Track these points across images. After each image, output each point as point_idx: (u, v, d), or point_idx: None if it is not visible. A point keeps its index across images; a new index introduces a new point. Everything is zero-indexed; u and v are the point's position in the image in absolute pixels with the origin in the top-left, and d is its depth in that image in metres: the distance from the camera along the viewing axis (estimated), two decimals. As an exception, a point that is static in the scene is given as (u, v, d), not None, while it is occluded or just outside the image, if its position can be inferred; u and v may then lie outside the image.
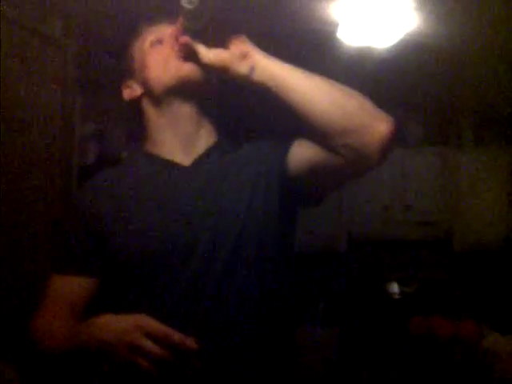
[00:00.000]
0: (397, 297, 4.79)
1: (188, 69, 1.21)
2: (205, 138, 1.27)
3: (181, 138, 1.25)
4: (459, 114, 5.20)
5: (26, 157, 2.54)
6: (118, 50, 1.40)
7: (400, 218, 4.92)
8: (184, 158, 1.24)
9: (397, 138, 1.12)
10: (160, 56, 1.25)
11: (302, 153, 1.20)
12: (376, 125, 1.10)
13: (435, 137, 5.23)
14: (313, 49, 3.53)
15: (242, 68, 1.16)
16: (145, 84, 1.27)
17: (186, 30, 1.20)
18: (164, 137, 1.26)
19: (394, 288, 4.82)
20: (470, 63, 4.06)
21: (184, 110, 1.24)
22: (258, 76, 1.15)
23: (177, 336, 0.98)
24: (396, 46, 3.45)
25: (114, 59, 1.33)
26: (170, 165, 1.24)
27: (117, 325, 1.03)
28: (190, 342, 0.98)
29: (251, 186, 1.21)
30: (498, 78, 4.35)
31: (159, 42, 1.26)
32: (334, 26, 3.26)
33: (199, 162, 1.25)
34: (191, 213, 1.18)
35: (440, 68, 4.16)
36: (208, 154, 1.26)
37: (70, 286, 1.23)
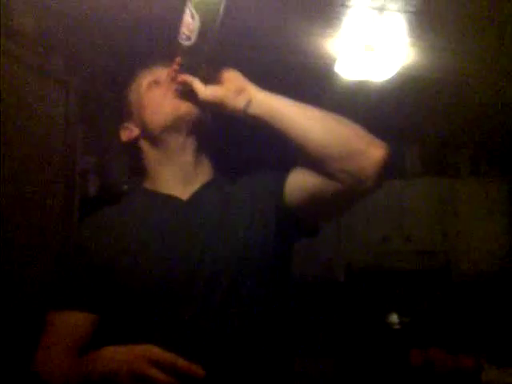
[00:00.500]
0: (396, 327, 4.78)
1: (185, 107, 1.23)
2: (202, 173, 1.30)
3: (179, 174, 1.27)
4: (456, 146, 5.25)
5: (27, 190, 2.55)
6: (117, 89, 1.43)
7: (398, 248, 4.93)
8: (182, 193, 1.26)
9: (395, 169, 1.14)
10: (157, 96, 1.27)
11: (298, 182, 1.21)
12: (371, 150, 1.13)
13: (433, 168, 5.28)
14: (311, 83, 3.58)
15: (239, 102, 1.18)
16: (142, 124, 1.29)
17: (183, 68, 1.22)
18: (162, 173, 1.28)
19: (393, 318, 4.81)
20: (466, 95, 4.11)
21: (182, 147, 1.26)
22: (254, 109, 1.17)
23: (183, 363, 0.99)
24: (392, 80, 3.51)
25: (115, 96, 1.36)
26: (169, 199, 1.26)
27: (121, 355, 1.04)
28: (197, 369, 0.99)
29: (249, 218, 1.23)
30: (494, 110, 4.41)
31: (155, 83, 1.29)
32: (332, 60, 3.32)
33: (197, 196, 1.26)
34: (190, 246, 1.19)
35: (436, 100, 4.23)
36: (206, 188, 1.28)
37: (71, 322, 1.23)
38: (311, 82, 3.58)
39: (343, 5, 2.62)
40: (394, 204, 4.90)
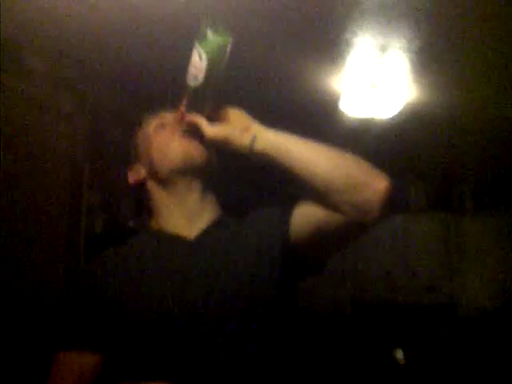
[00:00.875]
0: (401, 362, 4.73)
1: (192, 148, 1.26)
2: (208, 213, 1.31)
3: (186, 214, 1.29)
4: (460, 181, 5.28)
5: (33, 227, 2.57)
6: (125, 127, 1.47)
7: (403, 284, 4.92)
8: (189, 232, 1.28)
9: (399, 204, 1.16)
10: (164, 138, 1.30)
11: (303, 217, 1.23)
12: (375, 181, 1.15)
13: (437, 203, 5.29)
14: (317, 119, 3.64)
15: (244, 140, 1.20)
16: (150, 166, 1.31)
17: (189, 108, 1.25)
18: (170, 213, 1.30)
19: (399, 353, 4.77)
20: (469, 131, 4.16)
21: (189, 187, 1.29)
22: (259, 145, 1.19)
23: None
24: (396, 117, 3.56)
25: (122, 133, 1.40)
26: (176, 239, 1.27)
27: None
28: None
29: (255, 258, 1.24)
30: (498, 146, 4.45)
31: (163, 126, 1.32)
32: (337, 98, 3.38)
33: (204, 235, 1.28)
34: (198, 285, 1.20)
35: (440, 136, 4.27)
36: (212, 227, 1.29)
37: (77, 362, 1.23)
38: (317, 119, 3.64)
39: (347, 44, 2.68)
40: (398, 239, 4.91)
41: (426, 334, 4.95)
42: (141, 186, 1.34)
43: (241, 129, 1.21)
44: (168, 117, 1.34)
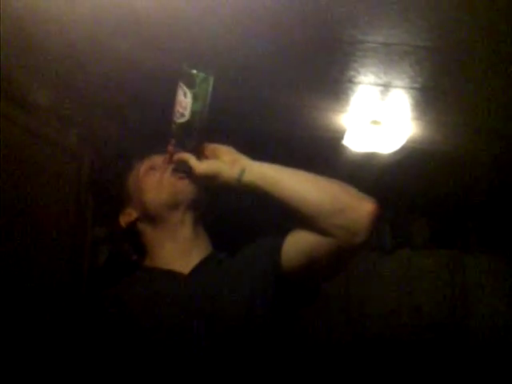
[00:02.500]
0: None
1: (182, 184, 1.31)
2: (200, 247, 1.35)
3: (178, 249, 1.33)
4: (463, 216, 5.28)
5: (37, 259, 2.57)
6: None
7: (408, 321, 4.89)
8: (183, 267, 1.31)
9: (403, 241, 1.18)
10: (154, 179, 1.35)
11: (294, 245, 1.25)
12: (361, 203, 1.18)
13: (441, 239, 5.29)
14: (320, 155, 3.67)
15: (233, 172, 1.24)
16: (141, 207, 1.36)
17: (177, 146, 1.30)
18: (162, 250, 1.34)
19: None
20: (469, 167, 4.19)
21: (180, 223, 1.33)
22: (247, 177, 1.23)
23: None
24: (398, 152, 3.59)
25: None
26: (170, 274, 1.30)
27: None
28: None
29: (248, 291, 1.26)
30: (500, 183, 4.46)
31: (152, 168, 1.37)
32: (341, 133, 3.42)
33: (197, 270, 1.31)
34: (192, 319, 1.23)
35: (443, 172, 4.29)
36: (205, 262, 1.33)
37: None
38: (320, 154, 3.68)
39: (351, 81, 2.72)
40: (402, 275, 4.89)
41: (433, 371, 4.89)
42: (132, 228, 1.38)
43: (229, 163, 1.25)
44: (157, 159, 1.38)
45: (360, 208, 1.18)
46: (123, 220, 1.39)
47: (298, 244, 1.25)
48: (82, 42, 2.32)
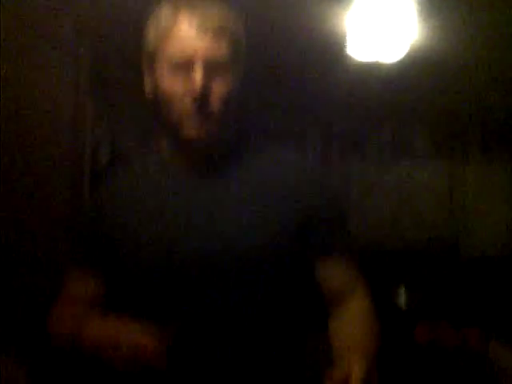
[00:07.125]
0: (403, 306, 4.82)
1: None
2: (226, 144, 1.21)
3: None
4: (466, 127, 5.26)
5: (37, 160, 2.53)
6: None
7: (407, 228, 4.97)
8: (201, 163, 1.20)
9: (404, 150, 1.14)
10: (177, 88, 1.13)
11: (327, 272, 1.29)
12: None
13: (442, 149, 5.29)
14: (324, 64, 3.62)
15: None
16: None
17: None
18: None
19: (401, 297, 4.85)
20: (476, 77, 4.12)
21: None
22: None
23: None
24: (402, 61, 3.52)
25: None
26: (183, 175, 1.20)
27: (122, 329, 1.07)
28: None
29: (267, 200, 1.17)
30: (505, 92, 4.41)
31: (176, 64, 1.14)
32: (344, 42, 3.35)
33: (217, 168, 1.19)
34: (202, 224, 1.14)
35: (446, 81, 4.23)
36: (228, 158, 1.20)
37: (80, 283, 1.25)
38: (324, 65, 3.61)
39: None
40: (403, 184, 4.94)
41: (429, 278, 5.02)
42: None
43: None
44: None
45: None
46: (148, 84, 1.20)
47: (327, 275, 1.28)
48: None
